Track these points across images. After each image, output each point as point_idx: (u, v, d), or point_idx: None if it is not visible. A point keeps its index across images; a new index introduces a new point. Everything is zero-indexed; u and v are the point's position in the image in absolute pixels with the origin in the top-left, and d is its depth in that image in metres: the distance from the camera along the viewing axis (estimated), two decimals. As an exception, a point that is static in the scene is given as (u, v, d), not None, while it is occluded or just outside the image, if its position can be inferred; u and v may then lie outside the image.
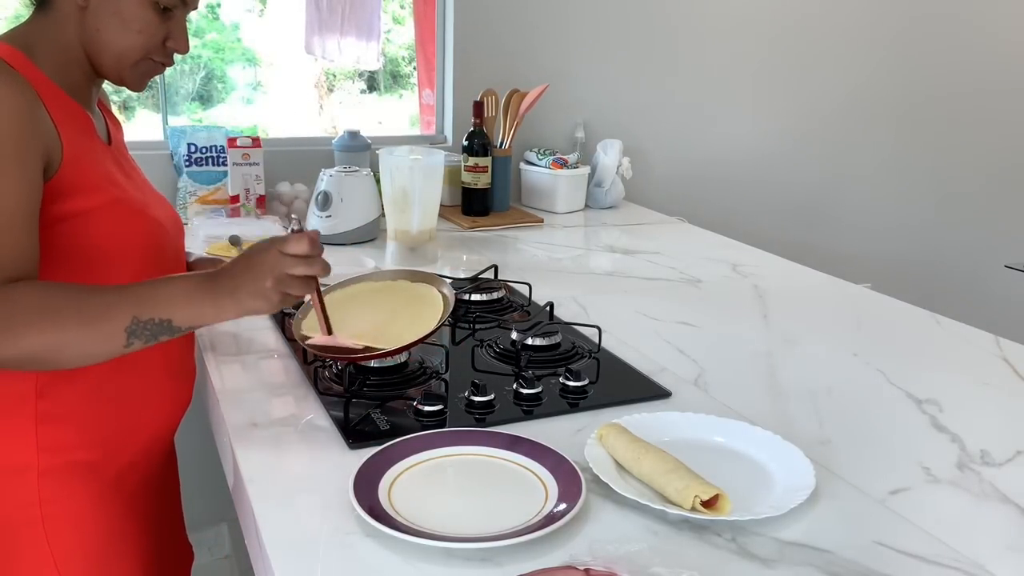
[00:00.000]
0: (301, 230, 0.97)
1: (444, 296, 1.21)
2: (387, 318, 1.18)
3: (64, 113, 1.01)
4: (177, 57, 1.12)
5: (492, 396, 1.15)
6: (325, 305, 1.08)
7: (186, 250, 1.31)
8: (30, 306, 0.89)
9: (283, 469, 1.00)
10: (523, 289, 1.62)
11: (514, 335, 1.35)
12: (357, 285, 1.26)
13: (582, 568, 0.77)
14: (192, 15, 1.12)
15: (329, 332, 1.09)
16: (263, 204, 2.08)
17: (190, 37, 1.11)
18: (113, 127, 1.17)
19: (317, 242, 0.96)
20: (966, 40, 3.10)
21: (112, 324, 0.91)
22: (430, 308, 1.19)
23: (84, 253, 1.01)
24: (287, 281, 0.94)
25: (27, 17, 1.06)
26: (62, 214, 0.98)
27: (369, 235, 2.00)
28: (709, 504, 0.89)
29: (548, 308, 1.47)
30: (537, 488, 0.94)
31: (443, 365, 1.26)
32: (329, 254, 1.01)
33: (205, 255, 1.32)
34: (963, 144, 3.19)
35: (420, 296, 1.23)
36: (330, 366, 1.23)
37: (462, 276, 1.68)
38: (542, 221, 2.28)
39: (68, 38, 1.04)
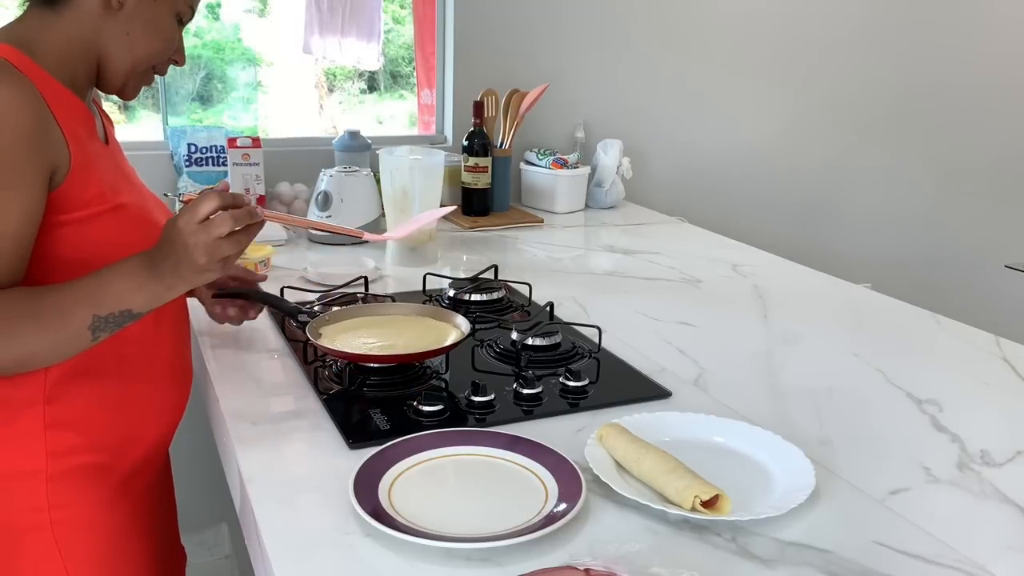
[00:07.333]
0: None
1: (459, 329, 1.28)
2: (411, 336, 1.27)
3: (70, 115, 0.98)
4: None
5: (492, 396, 1.15)
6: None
7: None
8: None
9: (283, 469, 1.00)
10: (523, 289, 1.62)
11: (514, 335, 1.35)
12: (378, 316, 1.33)
13: (582, 568, 0.77)
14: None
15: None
16: (263, 204, 2.08)
17: (191, 37, 1.13)
18: (108, 124, 1.14)
19: (226, 192, 0.93)
20: (967, 41, 3.10)
21: (74, 326, 0.92)
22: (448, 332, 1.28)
23: (84, 259, 0.99)
24: (217, 247, 0.92)
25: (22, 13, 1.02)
26: (65, 221, 0.97)
27: (369, 235, 2.00)
28: (709, 504, 0.89)
29: (548, 308, 1.47)
30: (537, 488, 0.94)
31: (443, 365, 1.26)
32: (329, 254, 1.01)
33: None
34: (963, 145, 3.19)
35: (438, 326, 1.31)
36: (330, 366, 1.23)
37: (462, 276, 1.68)
38: (542, 221, 2.28)
39: (82, 37, 1.00)
